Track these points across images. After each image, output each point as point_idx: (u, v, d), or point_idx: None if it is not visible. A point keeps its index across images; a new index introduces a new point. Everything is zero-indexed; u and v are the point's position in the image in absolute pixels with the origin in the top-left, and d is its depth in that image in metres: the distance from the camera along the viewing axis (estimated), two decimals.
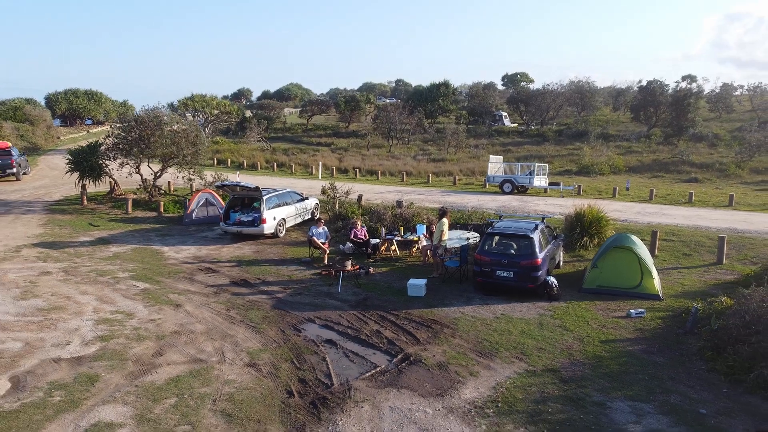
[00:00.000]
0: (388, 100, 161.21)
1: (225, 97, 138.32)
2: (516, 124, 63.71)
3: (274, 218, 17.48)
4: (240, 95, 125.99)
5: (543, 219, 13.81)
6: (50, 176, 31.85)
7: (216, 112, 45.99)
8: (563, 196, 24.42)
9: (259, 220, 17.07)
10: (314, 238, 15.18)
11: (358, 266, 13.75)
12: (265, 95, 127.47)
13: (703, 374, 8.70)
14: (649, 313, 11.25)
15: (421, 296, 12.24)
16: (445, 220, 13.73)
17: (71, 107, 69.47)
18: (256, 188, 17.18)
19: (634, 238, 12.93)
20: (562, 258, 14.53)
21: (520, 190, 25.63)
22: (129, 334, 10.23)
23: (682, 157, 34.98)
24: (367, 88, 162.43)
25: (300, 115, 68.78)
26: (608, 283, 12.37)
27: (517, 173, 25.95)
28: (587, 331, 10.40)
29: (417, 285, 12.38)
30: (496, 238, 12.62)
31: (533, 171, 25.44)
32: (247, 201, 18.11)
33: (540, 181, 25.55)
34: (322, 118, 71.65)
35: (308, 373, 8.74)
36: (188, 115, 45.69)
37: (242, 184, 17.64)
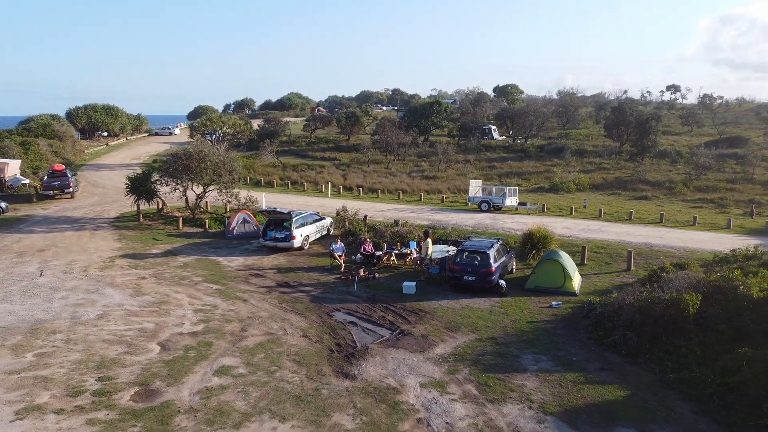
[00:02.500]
0: (385, 108, 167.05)
1: (228, 106, 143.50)
2: (504, 137, 69.26)
3: (301, 235, 22.84)
4: (243, 105, 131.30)
5: (498, 239, 19.25)
6: (98, 194, 37.06)
7: (230, 131, 51.33)
8: (529, 214, 29.84)
9: (290, 237, 22.43)
10: (334, 252, 20.55)
11: (367, 272, 19.16)
12: (267, 105, 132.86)
13: (584, 340, 14.12)
14: (565, 304, 16.68)
15: (413, 293, 17.62)
16: (429, 240, 19.14)
17: (90, 121, 74.58)
18: (289, 213, 22.56)
19: (562, 252, 18.38)
20: (515, 266, 19.94)
21: (495, 208, 31.02)
22: (219, 318, 15.57)
23: (639, 176, 40.57)
24: (365, 97, 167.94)
25: (304, 129, 74.03)
26: (542, 284, 17.79)
27: (492, 195, 31.38)
28: (520, 315, 15.81)
29: (409, 285, 17.77)
30: (465, 253, 18.02)
31: (505, 193, 30.90)
32: (280, 221, 23.43)
33: (511, 201, 30.96)
34: (323, 131, 76.87)
35: (341, 340, 14.12)
36: (207, 135, 51.05)
37: (277, 209, 23.02)
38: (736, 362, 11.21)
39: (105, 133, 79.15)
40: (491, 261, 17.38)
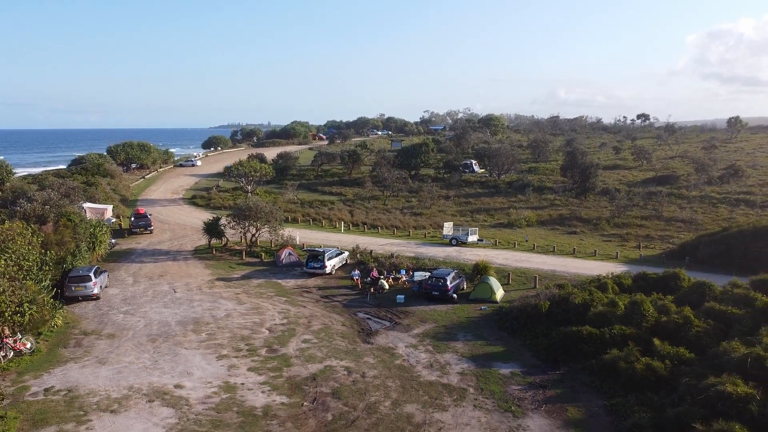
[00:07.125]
0: (380, 133, 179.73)
1: (235, 132, 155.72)
2: (483, 170, 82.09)
3: (330, 265, 35.10)
4: (252, 134, 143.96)
5: (455, 269, 31.63)
6: (167, 230, 49.11)
7: (257, 174, 63.97)
8: (484, 248, 42.14)
9: (323, 266, 34.68)
10: (353, 276, 32.84)
11: (374, 290, 31.47)
12: (273, 133, 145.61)
13: (493, 326, 26.43)
14: (490, 308, 28.96)
15: (403, 302, 29.86)
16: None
17: (128, 157, 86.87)
18: (322, 251, 34.93)
19: (491, 277, 30.80)
20: (465, 285, 32.25)
21: (462, 243, 43.28)
22: (293, 316, 27.75)
23: (575, 213, 53.12)
24: (362, 123, 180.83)
25: (312, 164, 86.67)
26: (479, 296, 30.11)
27: (459, 233, 43.76)
28: (462, 314, 28.11)
29: (401, 297, 30.06)
30: (433, 277, 30.38)
31: (468, 232, 43.31)
32: (316, 255, 35.63)
33: (473, 237, 43.27)
34: (328, 166, 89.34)
35: (364, 327, 26.38)
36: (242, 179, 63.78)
37: (315, 249, 35.37)
38: (555, 333, 23.60)
39: (136, 165, 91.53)
40: (448, 283, 29.75)
